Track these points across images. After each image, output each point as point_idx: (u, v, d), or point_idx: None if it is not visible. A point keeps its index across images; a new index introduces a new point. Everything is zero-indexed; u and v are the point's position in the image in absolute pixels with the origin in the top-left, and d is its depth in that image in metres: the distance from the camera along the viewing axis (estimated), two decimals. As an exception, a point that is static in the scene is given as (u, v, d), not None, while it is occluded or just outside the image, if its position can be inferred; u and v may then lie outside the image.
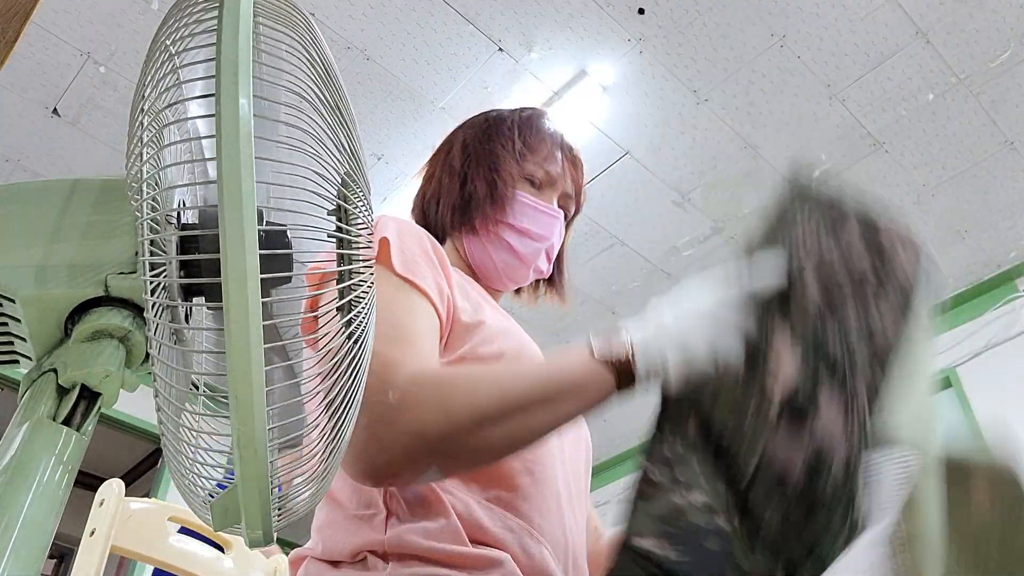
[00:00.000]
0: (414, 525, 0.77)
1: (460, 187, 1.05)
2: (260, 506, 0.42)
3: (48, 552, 0.45)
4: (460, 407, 0.70)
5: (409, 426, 0.68)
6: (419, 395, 0.70)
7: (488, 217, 1.02)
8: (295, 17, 0.53)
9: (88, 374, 0.49)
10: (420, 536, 0.76)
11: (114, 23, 2.85)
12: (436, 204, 1.07)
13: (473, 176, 1.04)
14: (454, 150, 1.09)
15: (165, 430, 0.49)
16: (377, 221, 0.89)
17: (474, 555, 0.76)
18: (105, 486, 1.39)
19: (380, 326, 0.72)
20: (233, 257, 0.40)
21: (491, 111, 1.13)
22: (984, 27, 2.84)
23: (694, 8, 2.79)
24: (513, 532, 0.80)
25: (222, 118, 0.41)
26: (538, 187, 1.05)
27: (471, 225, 1.03)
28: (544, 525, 0.83)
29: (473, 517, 0.78)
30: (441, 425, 0.69)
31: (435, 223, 1.07)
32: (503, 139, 1.06)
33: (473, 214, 1.03)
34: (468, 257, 1.05)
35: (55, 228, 0.53)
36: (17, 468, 0.45)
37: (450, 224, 1.05)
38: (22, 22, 0.99)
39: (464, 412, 0.70)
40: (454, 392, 0.71)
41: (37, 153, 3.32)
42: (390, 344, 0.74)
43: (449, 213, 1.05)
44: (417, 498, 0.79)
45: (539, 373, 0.76)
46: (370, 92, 3.05)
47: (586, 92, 3.06)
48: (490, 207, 1.02)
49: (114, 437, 4.67)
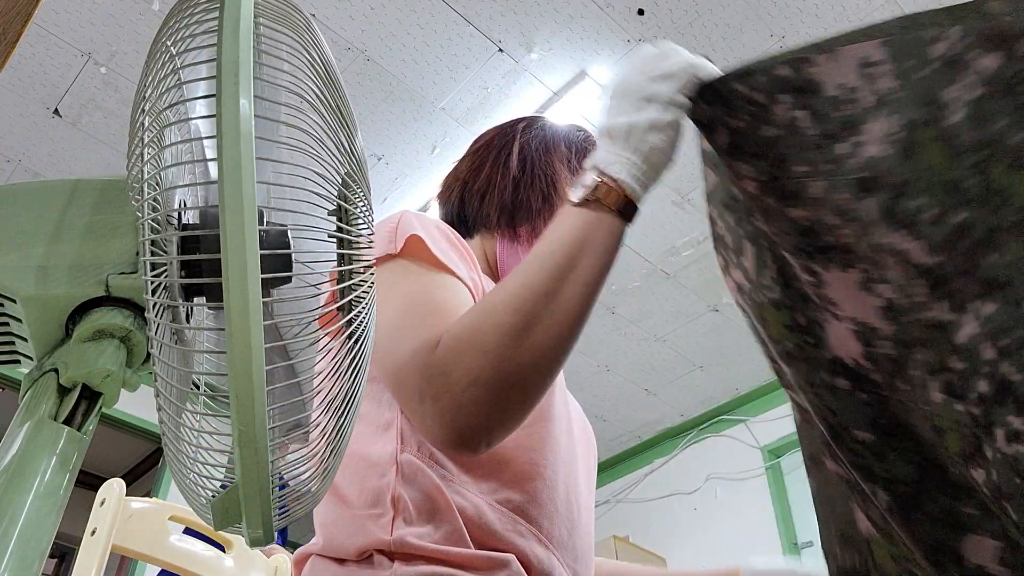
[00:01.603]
0: (420, 529, 0.77)
1: (513, 191, 1.03)
2: (260, 506, 0.42)
3: (49, 552, 0.45)
4: (492, 336, 0.66)
5: (462, 381, 0.66)
6: (456, 348, 0.68)
7: (537, 230, 1.01)
8: (296, 18, 0.53)
9: (89, 374, 0.49)
10: (426, 539, 0.76)
11: (115, 24, 2.85)
12: (481, 199, 1.05)
13: (529, 185, 1.03)
14: (511, 152, 1.07)
15: (166, 430, 0.49)
16: (400, 218, 0.88)
17: (481, 557, 0.76)
18: (106, 486, 1.39)
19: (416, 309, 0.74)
20: (234, 257, 0.40)
21: (544, 121, 1.13)
22: (984, 28, 2.85)
23: (694, 9, 2.80)
24: (523, 536, 0.79)
25: (223, 118, 0.41)
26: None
27: (514, 231, 1.03)
28: (553, 531, 0.82)
29: (483, 520, 0.78)
30: (486, 362, 0.66)
31: (472, 215, 1.06)
32: (562, 157, 1.06)
33: (521, 221, 1.02)
34: (495, 257, 1.05)
35: (56, 228, 0.53)
36: (18, 468, 0.45)
37: (493, 222, 1.04)
38: (23, 23, 0.99)
39: (497, 338, 0.66)
40: (479, 325, 0.68)
41: (38, 154, 3.33)
42: (427, 318, 0.73)
43: (496, 212, 1.04)
44: (424, 498, 0.79)
45: (541, 254, 0.71)
46: (370, 92, 3.05)
47: (586, 93, 3.06)
48: (542, 222, 1.01)
49: (114, 437, 4.67)
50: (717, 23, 2.84)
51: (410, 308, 0.76)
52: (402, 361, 0.71)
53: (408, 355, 0.71)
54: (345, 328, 0.53)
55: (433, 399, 0.66)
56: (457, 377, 0.66)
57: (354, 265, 0.56)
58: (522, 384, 0.67)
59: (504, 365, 0.65)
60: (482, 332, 0.67)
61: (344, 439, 0.54)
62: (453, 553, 0.75)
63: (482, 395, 0.66)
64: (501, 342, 0.66)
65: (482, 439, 0.68)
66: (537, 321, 0.67)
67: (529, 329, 0.66)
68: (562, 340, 0.68)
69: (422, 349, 0.69)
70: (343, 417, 0.53)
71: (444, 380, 0.67)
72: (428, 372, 0.68)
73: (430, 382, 0.67)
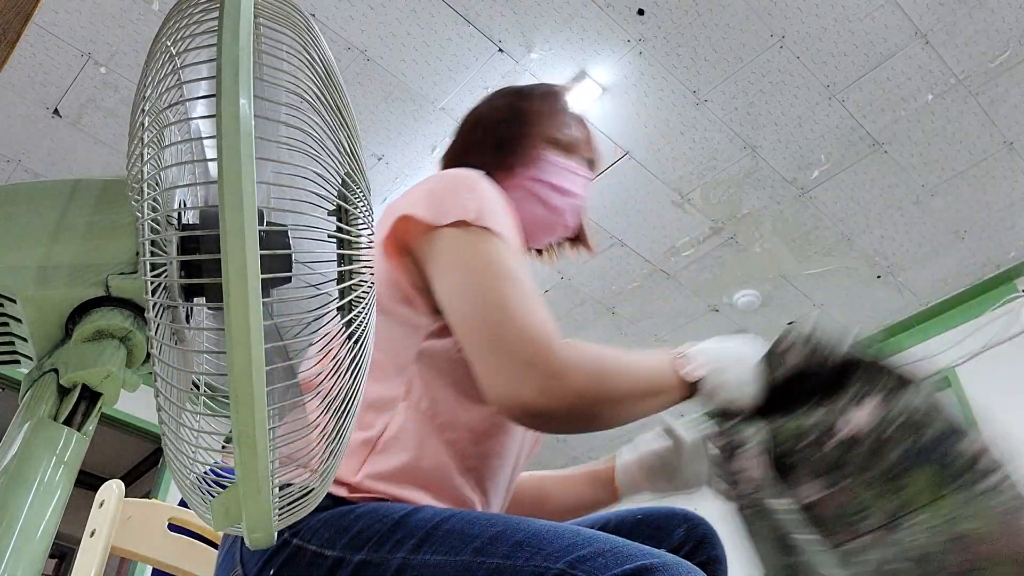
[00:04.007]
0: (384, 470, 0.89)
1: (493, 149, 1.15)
2: (261, 505, 0.42)
3: (49, 552, 0.45)
4: (610, 386, 0.89)
5: (572, 386, 0.85)
6: (580, 366, 0.87)
7: (520, 175, 1.12)
8: (295, 18, 0.53)
9: (89, 374, 0.49)
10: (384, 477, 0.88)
11: (115, 24, 2.85)
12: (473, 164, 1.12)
13: (505, 139, 1.15)
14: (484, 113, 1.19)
15: (166, 430, 0.49)
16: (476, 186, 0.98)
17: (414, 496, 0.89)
18: (105, 487, 1.39)
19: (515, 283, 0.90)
20: (233, 257, 0.40)
21: (508, 88, 1.24)
22: (983, 28, 2.84)
23: (693, 9, 2.80)
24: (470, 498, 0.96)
25: (223, 118, 0.41)
26: (565, 150, 1.16)
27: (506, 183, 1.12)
28: (494, 500, 1.00)
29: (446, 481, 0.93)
30: (596, 393, 0.88)
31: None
32: (528, 102, 1.18)
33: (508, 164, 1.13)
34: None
35: (56, 229, 0.53)
36: (18, 468, 0.45)
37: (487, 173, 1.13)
38: (23, 23, 0.99)
39: (610, 389, 0.89)
40: (606, 373, 0.90)
41: (38, 154, 3.33)
42: (527, 300, 0.89)
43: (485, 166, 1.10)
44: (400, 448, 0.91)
45: (649, 373, 0.94)
46: (370, 92, 3.05)
47: (586, 93, 3.06)
48: (529, 168, 1.12)
49: (114, 437, 4.67)
50: (717, 23, 2.84)
51: (506, 276, 0.91)
52: (516, 331, 0.87)
53: (526, 329, 0.87)
54: (345, 328, 0.53)
55: (542, 375, 0.85)
56: (570, 381, 0.86)
57: (354, 265, 0.56)
58: (590, 417, 0.89)
59: (600, 403, 0.88)
60: (606, 376, 0.90)
61: (343, 439, 0.54)
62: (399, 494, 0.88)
63: (575, 403, 0.86)
64: (611, 392, 0.90)
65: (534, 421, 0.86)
66: (628, 404, 0.92)
67: (622, 403, 0.91)
68: (620, 423, 0.92)
69: (544, 336, 0.87)
70: (343, 417, 0.53)
71: (557, 374, 0.85)
72: (550, 357, 0.86)
73: (549, 367, 0.85)
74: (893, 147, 3.26)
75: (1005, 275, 3.80)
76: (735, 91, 3.06)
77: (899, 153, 3.28)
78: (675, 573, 0.70)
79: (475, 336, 0.89)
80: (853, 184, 3.40)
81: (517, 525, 0.79)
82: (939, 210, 3.52)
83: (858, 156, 3.29)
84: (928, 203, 3.49)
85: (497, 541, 0.77)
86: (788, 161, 3.32)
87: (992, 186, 3.41)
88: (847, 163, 3.32)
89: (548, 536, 0.76)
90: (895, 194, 3.44)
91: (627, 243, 3.66)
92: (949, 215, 3.54)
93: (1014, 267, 3.77)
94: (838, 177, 3.38)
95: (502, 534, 0.78)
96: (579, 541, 0.75)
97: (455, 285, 0.91)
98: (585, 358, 0.89)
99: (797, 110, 3.12)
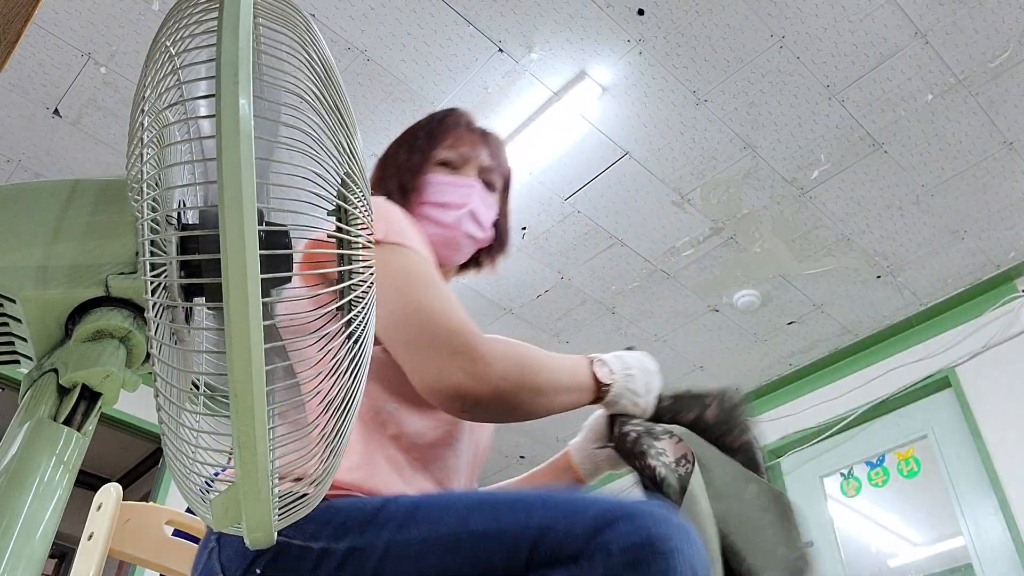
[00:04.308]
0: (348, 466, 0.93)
1: (395, 175, 1.25)
2: (260, 506, 0.42)
3: (49, 551, 0.45)
4: (531, 375, 0.96)
5: (497, 370, 0.92)
6: (503, 355, 0.94)
7: (415, 202, 1.21)
8: (295, 18, 0.53)
9: (89, 374, 0.49)
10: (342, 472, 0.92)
11: (115, 24, 2.85)
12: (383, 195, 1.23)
13: (401, 163, 1.25)
14: (388, 151, 1.30)
15: (166, 430, 0.49)
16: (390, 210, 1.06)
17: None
18: (103, 490, 1.39)
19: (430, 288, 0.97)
20: (233, 257, 0.40)
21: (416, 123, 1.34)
22: (983, 28, 2.84)
23: (693, 9, 2.80)
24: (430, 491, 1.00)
25: (222, 118, 0.41)
26: (455, 168, 1.24)
27: (410, 212, 1.20)
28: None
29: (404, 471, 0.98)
30: (518, 380, 0.94)
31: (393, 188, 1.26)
32: (407, 143, 1.28)
33: (406, 194, 1.21)
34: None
35: (56, 228, 0.53)
36: (18, 468, 0.45)
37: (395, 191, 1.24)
38: (23, 23, 0.99)
39: (531, 379, 0.96)
40: (527, 363, 0.97)
41: (38, 154, 3.33)
42: (446, 302, 0.96)
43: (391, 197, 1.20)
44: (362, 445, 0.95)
45: (568, 370, 1.02)
46: (370, 92, 3.05)
47: (586, 93, 3.06)
48: (411, 199, 1.21)
49: (114, 437, 4.67)
50: (717, 23, 2.84)
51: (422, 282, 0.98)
52: (440, 326, 0.94)
53: (449, 324, 0.93)
54: (344, 328, 0.53)
55: (468, 360, 0.92)
56: (496, 368, 0.92)
57: (354, 265, 0.56)
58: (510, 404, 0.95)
59: (519, 390, 0.95)
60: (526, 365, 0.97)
61: (343, 439, 0.54)
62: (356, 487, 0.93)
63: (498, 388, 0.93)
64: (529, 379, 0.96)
65: (462, 405, 0.92)
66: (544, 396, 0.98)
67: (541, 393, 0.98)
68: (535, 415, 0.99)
69: (468, 330, 0.93)
70: (342, 417, 0.53)
71: (483, 360, 0.92)
72: (474, 345, 0.93)
73: (473, 353, 0.92)
74: (893, 147, 3.26)
75: (1005, 275, 3.80)
76: (735, 91, 3.06)
77: (899, 153, 3.28)
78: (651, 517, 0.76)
79: (402, 336, 0.95)
80: (853, 184, 3.40)
81: (493, 494, 0.84)
82: (939, 210, 3.52)
83: (858, 156, 3.29)
84: (928, 203, 3.49)
85: (477, 509, 0.81)
86: (788, 161, 3.32)
87: (992, 186, 3.41)
88: (847, 163, 3.32)
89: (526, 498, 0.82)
90: (895, 194, 3.44)
91: (627, 243, 3.66)
92: (949, 215, 3.54)
93: (1014, 267, 3.77)
94: (838, 177, 3.38)
95: (481, 502, 0.82)
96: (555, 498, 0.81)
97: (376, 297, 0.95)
98: (507, 348, 0.96)
99: (797, 110, 3.12)
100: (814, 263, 3.78)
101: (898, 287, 3.89)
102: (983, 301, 3.85)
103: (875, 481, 4.02)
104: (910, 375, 3.94)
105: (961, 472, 3.65)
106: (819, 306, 4.01)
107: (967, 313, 3.87)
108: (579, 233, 3.62)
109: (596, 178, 3.38)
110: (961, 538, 3.60)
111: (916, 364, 3.94)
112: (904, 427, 3.96)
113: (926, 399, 3.92)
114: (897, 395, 3.95)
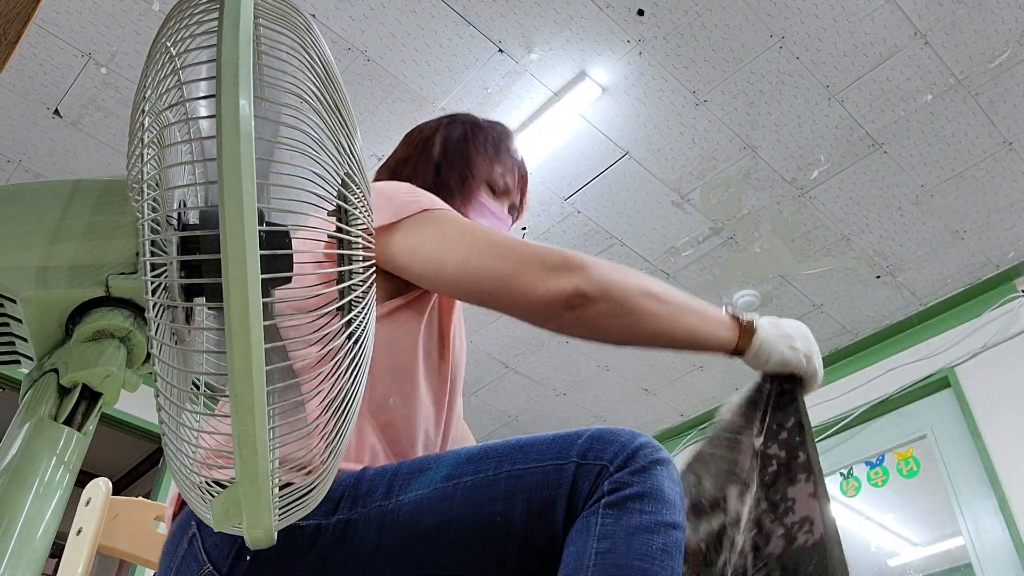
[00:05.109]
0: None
1: (434, 174, 1.21)
2: (260, 506, 0.42)
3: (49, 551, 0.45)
4: (645, 279, 0.94)
5: (601, 270, 0.91)
6: (602, 262, 0.92)
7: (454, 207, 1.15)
8: (295, 18, 0.53)
9: (89, 374, 0.49)
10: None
11: (115, 24, 2.85)
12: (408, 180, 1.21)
13: (448, 168, 1.21)
14: (434, 141, 1.26)
15: (166, 430, 0.49)
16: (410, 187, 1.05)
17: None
18: (91, 485, 1.38)
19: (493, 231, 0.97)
20: (234, 258, 0.40)
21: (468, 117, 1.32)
22: (983, 28, 2.84)
23: (693, 9, 2.80)
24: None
25: (222, 119, 0.41)
26: (496, 194, 1.25)
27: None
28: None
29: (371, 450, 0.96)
30: (625, 282, 0.92)
31: None
32: (479, 144, 1.25)
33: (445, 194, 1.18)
34: None
35: (56, 229, 0.53)
36: (18, 468, 0.45)
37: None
38: (23, 23, 0.99)
39: (648, 283, 0.94)
40: (638, 273, 0.95)
41: (38, 154, 3.33)
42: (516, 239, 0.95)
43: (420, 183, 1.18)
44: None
45: (698, 300, 0.99)
46: (370, 93, 3.05)
47: (585, 93, 3.06)
48: (458, 201, 1.19)
49: (114, 437, 4.66)
50: (717, 23, 2.84)
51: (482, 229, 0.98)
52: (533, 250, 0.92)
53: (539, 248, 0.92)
54: (345, 328, 0.53)
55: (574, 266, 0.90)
56: (598, 269, 0.90)
57: (354, 265, 0.56)
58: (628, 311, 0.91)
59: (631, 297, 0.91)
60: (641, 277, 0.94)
61: (343, 439, 0.54)
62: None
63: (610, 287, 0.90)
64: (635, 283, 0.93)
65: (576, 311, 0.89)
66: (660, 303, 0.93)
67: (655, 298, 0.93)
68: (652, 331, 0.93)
69: (551, 247, 0.92)
70: (342, 417, 0.53)
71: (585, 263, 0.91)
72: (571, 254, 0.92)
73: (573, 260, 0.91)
74: (893, 147, 3.26)
75: (1004, 275, 3.80)
76: (735, 91, 3.06)
77: (899, 153, 3.28)
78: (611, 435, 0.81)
79: (495, 271, 0.92)
80: (853, 184, 3.40)
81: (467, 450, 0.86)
82: (939, 210, 3.52)
83: (858, 156, 3.29)
84: (928, 203, 3.49)
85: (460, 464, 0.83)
86: (788, 161, 3.32)
87: (992, 186, 3.41)
88: (847, 163, 3.32)
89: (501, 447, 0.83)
90: (895, 194, 3.44)
91: (627, 243, 3.66)
92: (949, 215, 3.54)
93: (1014, 267, 3.77)
94: (838, 177, 3.38)
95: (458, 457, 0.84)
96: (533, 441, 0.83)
97: (441, 250, 0.95)
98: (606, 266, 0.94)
99: (797, 110, 3.12)
100: (814, 263, 3.78)
101: (898, 287, 3.89)
102: (983, 301, 3.85)
103: (875, 481, 4.02)
104: (909, 375, 3.94)
105: (960, 472, 3.65)
106: (818, 306, 4.01)
107: (967, 313, 3.87)
108: (579, 233, 3.62)
109: (596, 178, 3.39)
110: (960, 538, 3.60)
111: (916, 364, 3.94)
112: (903, 427, 3.96)
113: (925, 399, 3.92)
114: (896, 395, 3.95)
